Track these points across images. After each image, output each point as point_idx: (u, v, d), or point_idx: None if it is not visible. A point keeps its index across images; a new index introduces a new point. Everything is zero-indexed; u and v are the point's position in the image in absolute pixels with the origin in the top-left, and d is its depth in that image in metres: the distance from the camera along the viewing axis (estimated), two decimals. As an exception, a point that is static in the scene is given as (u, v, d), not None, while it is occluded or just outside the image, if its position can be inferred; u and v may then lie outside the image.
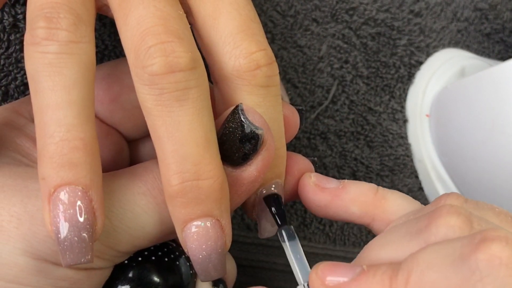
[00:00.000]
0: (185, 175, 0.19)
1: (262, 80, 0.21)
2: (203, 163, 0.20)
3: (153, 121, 0.19)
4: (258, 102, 0.21)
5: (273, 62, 0.21)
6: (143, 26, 0.19)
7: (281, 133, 0.22)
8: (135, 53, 0.19)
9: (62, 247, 0.18)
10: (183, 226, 0.20)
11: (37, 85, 0.19)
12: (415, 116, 0.40)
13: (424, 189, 0.40)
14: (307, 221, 0.36)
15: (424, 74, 0.40)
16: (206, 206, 0.20)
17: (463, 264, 0.17)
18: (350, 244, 0.37)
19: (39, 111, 0.19)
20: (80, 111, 0.19)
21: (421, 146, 0.40)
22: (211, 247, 0.20)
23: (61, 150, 0.18)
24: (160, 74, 0.19)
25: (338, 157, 0.38)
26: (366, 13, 0.39)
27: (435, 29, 0.41)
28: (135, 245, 0.21)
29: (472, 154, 0.36)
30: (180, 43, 0.19)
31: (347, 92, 0.38)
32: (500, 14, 0.43)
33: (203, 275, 0.21)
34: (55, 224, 0.18)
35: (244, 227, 0.34)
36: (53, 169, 0.18)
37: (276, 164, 0.22)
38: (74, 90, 0.19)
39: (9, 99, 0.30)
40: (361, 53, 0.39)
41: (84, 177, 0.19)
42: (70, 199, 0.18)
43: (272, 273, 0.35)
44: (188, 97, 0.19)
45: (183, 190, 0.19)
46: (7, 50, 0.29)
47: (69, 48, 0.19)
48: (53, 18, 0.19)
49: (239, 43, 0.21)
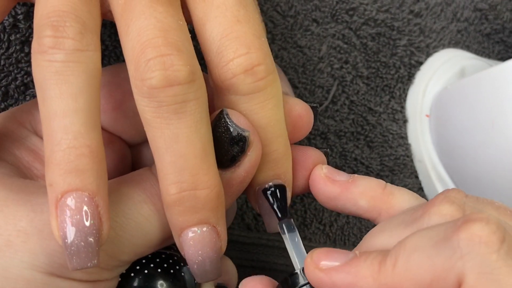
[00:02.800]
0: (183, 185, 0.20)
1: (242, 88, 0.21)
2: (200, 174, 0.20)
3: (152, 132, 0.20)
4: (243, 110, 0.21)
5: (256, 66, 0.21)
6: (143, 38, 0.19)
7: (274, 136, 0.22)
8: (135, 65, 0.19)
9: (69, 252, 0.19)
10: (180, 232, 0.21)
11: (45, 93, 0.19)
12: (415, 116, 0.40)
13: (424, 189, 0.40)
14: (307, 221, 0.36)
15: (424, 74, 0.40)
16: (203, 215, 0.20)
17: (446, 244, 0.18)
18: (350, 244, 0.37)
19: (47, 118, 0.19)
20: (87, 119, 0.19)
21: (421, 146, 0.40)
22: (207, 253, 0.21)
23: (68, 157, 0.19)
24: (158, 87, 0.19)
25: (338, 157, 0.38)
26: (366, 14, 0.39)
27: (435, 30, 0.41)
28: (137, 254, 0.21)
29: (472, 154, 0.36)
30: (179, 56, 0.19)
31: (347, 92, 0.38)
32: (500, 15, 0.43)
33: (200, 277, 0.22)
34: (62, 229, 0.19)
35: (244, 227, 0.34)
36: (60, 176, 0.19)
37: (273, 167, 0.23)
38: (81, 98, 0.19)
39: (9, 99, 0.30)
40: (361, 54, 0.39)
41: (90, 183, 0.19)
42: (77, 204, 0.19)
43: (273, 273, 0.35)
44: (186, 109, 0.20)
45: (180, 199, 0.20)
46: (7, 50, 0.29)
47: (75, 56, 0.19)
48: (60, 27, 0.19)
49: (220, 50, 0.21)
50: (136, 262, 0.22)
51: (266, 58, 0.21)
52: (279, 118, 0.22)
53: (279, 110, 0.22)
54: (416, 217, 0.20)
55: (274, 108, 0.22)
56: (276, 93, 0.22)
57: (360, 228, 0.37)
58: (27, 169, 0.23)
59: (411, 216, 0.21)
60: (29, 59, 0.30)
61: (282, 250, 0.35)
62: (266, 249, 0.35)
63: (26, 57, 0.30)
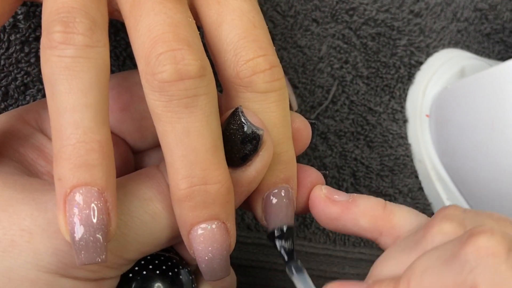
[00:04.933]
0: (193, 179, 0.20)
1: (260, 86, 0.21)
2: (211, 169, 0.20)
3: (163, 127, 0.20)
4: (257, 108, 0.22)
5: (273, 67, 0.21)
6: (154, 33, 0.19)
7: (285, 137, 0.23)
8: (145, 60, 0.20)
9: (77, 247, 0.19)
10: (190, 229, 0.21)
11: (54, 88, 0.19)
12: (415, 116, 0.40)
13: (424, 189, 0.40)
14: (307, 221, 0.36)
15: (424, 74, 0.40)
16: (213, 210, 0.20)
17: (454, 260, 0.18)
18: (350, 244, 0.37)
19: (56, 113, 0.19)
20: (96, 114, 0.19)
21: (421, 146, 0.40)
22: (217, 249, 0.21)
23: (78, 152, 0.19)
24: (170, 81, 0.19)
25: (338, 157, 0.38)
26: (366, 13, 0.39)
27: (435, 29, 0.41)
28: (142, 252, 0.21)
29: (472, 154, 0.36)
30: (190, 50, 0.20)
31: (347, 92, 0.38)
32: (500, 14, 0.43)
33: (209, 275, 0.21)
34: (70, 224, 0.19)
35: (245, 228, 0.34)
36: (69, 170, 0.19)
37: (283, 169, 0.23)
38: (91, 94, 0.19)
39: (9, 99, 0.30)
40: (361, 53, 0.39)
41: (100, 178, 0.19)
42: (86, 199, 0.19)
43: (273, 273, 0.35)
44: (197, 103, 0.20)
45: (191, 194, 0.20)
46: (7, 50, 0.29)
47: (85, 52, 0.19)
48: (70, 23, 0.19)
49: (239, 51, 0.21)
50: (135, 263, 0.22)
51: (279, 63, 0.22)
52: (288, 120, 0.23)
53: (288, 113, 0.23)
54: (418, 239, 0.20)
55: (286, 109, 0.22)
56: (287, 97, 0.22)
57: (360, 228, 0.37)
58: (32, 166, 0.23)
59: (413, 239, 0.21)
60: (29, 59, 0.30)
61: (282, 250, 0.35)
62: (266, 249, 0.35)
63: (26, 57, 0.30)
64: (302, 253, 0.36)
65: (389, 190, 0.38)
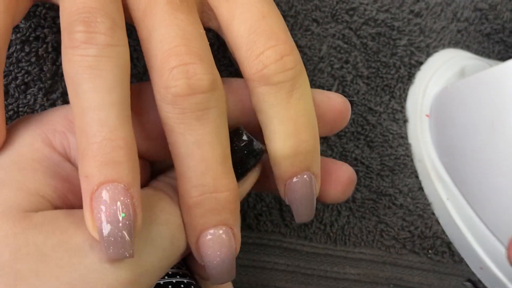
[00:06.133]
0: (204, 188, 0.21)
1: (273, 79, 0.21)
2: (220, 177, 0.21)
3: (175, 138, 0.21)
4: (272, 101, 0.22)
5: (285, 56, 0.21)
6: (166, 46, 0.20)
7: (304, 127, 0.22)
8: (159, 73, 0.20)
9: (105, 243, 0.19)
10: (199, 235, 0.21)
11: (78, 87, 0.19)
12: (415, 116, 0.40)
13: (424, 189, 0.40)
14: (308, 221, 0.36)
15: (424, 74, 0.40)
16: (222, 216, 0.21)
17: None
18: (351, 244, 0.37)
19: (80, 112, 0.19)
20: (120, 112, 0.19)
21: (421, 146, 0.40)
22: (225, 253, 0.21)
23: (104, 149, 0.19)
24: (182, 95, 0.20)
25: (338, 157, 0.38)
26: (366, 13, 0.39)
27: (435, 29, 0.42)
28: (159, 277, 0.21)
29: (472, 154, 0.36)
30: (202, 64, 0.20)
31: (347, 92, 0.38)
32: (500, 14, 0.43)
33: (216, 279, 0.22)
34: (98, 221, 0.19)
35: (246, 227, 0.34)
36: (96, 167, 0.19)
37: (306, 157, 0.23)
38: (115, 92, 0.19)
39: (9, 98, 0.30)
40: (361, 53, 0.39)
41: (126, 175, 0.19)
42: (113, 196, 0.19)
43: (274, 273, 0.35)
44: (208, 116, 0.20)
45: (202, 202, 0.21)
46: (8, 50, 0.29)
47: (107, 51, 0.19)
48: (91, 23, 0.19)
49: (249, 46, 0.21)
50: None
51: (293, 50, 0.22)
52: (308, 108, 0.22)
53: (308, 101, 0.22)
54: None
55: (303, 98, 0.22)
56: (304, 84, 0.22)
57: (361, 228, 0.37)
58: (62, 199, 0.21)
59: None
60: (30, 58, 0.30)
61: (283, 250, 0.35)
62: (267, 248, 0.35)
63: (27, 57, 0.30)
64: (302, 253, 0.36)
65: (389, 190, 0.38)
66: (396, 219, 0.38)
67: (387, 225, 0.38)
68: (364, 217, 0.37)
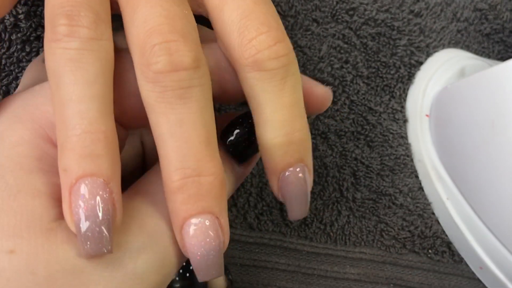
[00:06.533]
0: (186, 171, 0.20)
1: (266, 64, 0.21)
2: (204, 160, 0.20)
3: (156, 118, 0.20)
4: (266, 87, 0.21)
5: (278, 42, 0.21)
6: (149, 25, 0.19)
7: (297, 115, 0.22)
8: (140, 51, 0.20)
9: (83, 238, 0.18)
10: (183, 223, 0.20)
11: (59, 80, 0.19)
12: (415, 116, 0.40)
13: (424, 189, 0.40)
14: (308, 220, 0.36)
15: (424, 74, 0.40)
16: (207, 203, 0.20)
17: None
18: (351, 244, 0.37)
19: (60, 105, 0.19)
20: (101, 105, 0.19)
21: (421, 146, 0.40)
22: (210, 244, 0.20)
23: (83, 142, 0.18)
24: (164, 72, 0.19)
25: (338, 157, 0.38)
26: (366, 13, 0.39)
27: (435, 29, 0.42)
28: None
29: (472, 154, 0.36)
30: (185, 42, 0.19)
31: (347, 92, 0.38)
32: (500, 14, 0.43)
33: (202, 274, 0.21)
34: (76, 215, 0.18)
35: (247, 227, 0.34)
36: (75, 160, 0.18)
37: (296, 148, 0.22)
38: (96, 85, 0.19)
39: (10, 98, 0.30)
40: (361, 53, 0.39)
41: (105, 169, 0.19)
42: (92, 190, 0.18)
43: (274, 273, 0.35)
44: (191, 95, 0.20)
45: (184, 186, 0.20)
46: (9, 49, 0.29)
47: (90, 44, 0.19)
48: (74, 16, 0.19)
49: (241, 30, 0.21)
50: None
51: (286, 37, 0.21)
52: (300, 97, 0.22)
53: (300, 90, 0.22)
54: None
55: (296, 86, 0.22)
56: (296, 72, 0.22)
57: (361, 227, 0.37)
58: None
59: None
60: (30, 58, 0.30)
61: (283, 250, 0.35)
62: (268, 248, 0.35)
63: (28, 56, 0.30)
64: (303, 252, 0.36)
65: (390, 189, 0.38)
66: (396, 219, 0.38)
67: (387, 225, 0.38)
68: (364, 217, 0.37)
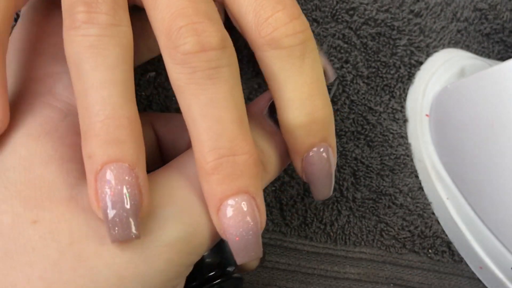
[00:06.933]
0: (220, 151, 0.20)
1: (283, 42, 0.21)
2: (238, 139, 0.20)
3: (187, 100, 0.20)
4: (284, 65, 0.21)
5: (294, 19, 0.21)
6: (173, 8, 0.19)
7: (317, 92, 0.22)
8: (166, 35, 0.19)
9: (110, 224, 0.18)
10: (219, 205, 0.20)
11: (79, 67, 0.19)
12: (415, 116, 0.40)
13: (424, 189, 0.40)
14: (308, 220, 0.36)
15: (424, 74, 0.40)
16: (242, 182, 0.20)
17: None
18: (351, 244, 0.37)
19: (83, 92, 0.19)
20: (124, 91, 0.19)
21: (421, 146, 0.40)
22: (248, 225, 0.20)
23: (107, 128, 0.18)
24: (192, 52, 0.19)
25: (338, 157, 0.38)
26: (366, 13, 0.39)
27: (435, 29, 0.42)
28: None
29: (472, 154, 0.36)
30: (211, 23, 0.20)
31: (347, 92, 0.39)
32: (500, 14, 0.43)
33: (241, 255, 0.20)
34: (103, 201, 0.18)
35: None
36: (99, 147, 0.18)
37: (324, 126, 0.22)
38: (117, 70, 0.19)
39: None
40: (361, 53, 0.39)
41: (130, 154, 0.19)
42: (117, 176, 0.18)
43: (274, 272, 0.35)
44: (220, 75, 0.20)
45: (219, 166, 0.20)
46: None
47: (109, 30, 0.19)
48: (93, 3, 0.19)
49: (257, 9, 0.21)
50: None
51: (301, 14, 0.21)
52: (321, 74, 0.22)
53: (319, 66, 0.22)
54: None
55: (315, 64, 0.22)
56: (314, 49, 0.22)
57: (361, 227, 0.37)
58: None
59: None
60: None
61: (284, 249, 0.35)
62: (268, 247, 0.35)
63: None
64: (303, 252, 0.36)
65: (389, 189, 0.38)
66: (396, 218, 0.38)
67: (387, 225, 0.38)
68: (364, 217, 0.37)
